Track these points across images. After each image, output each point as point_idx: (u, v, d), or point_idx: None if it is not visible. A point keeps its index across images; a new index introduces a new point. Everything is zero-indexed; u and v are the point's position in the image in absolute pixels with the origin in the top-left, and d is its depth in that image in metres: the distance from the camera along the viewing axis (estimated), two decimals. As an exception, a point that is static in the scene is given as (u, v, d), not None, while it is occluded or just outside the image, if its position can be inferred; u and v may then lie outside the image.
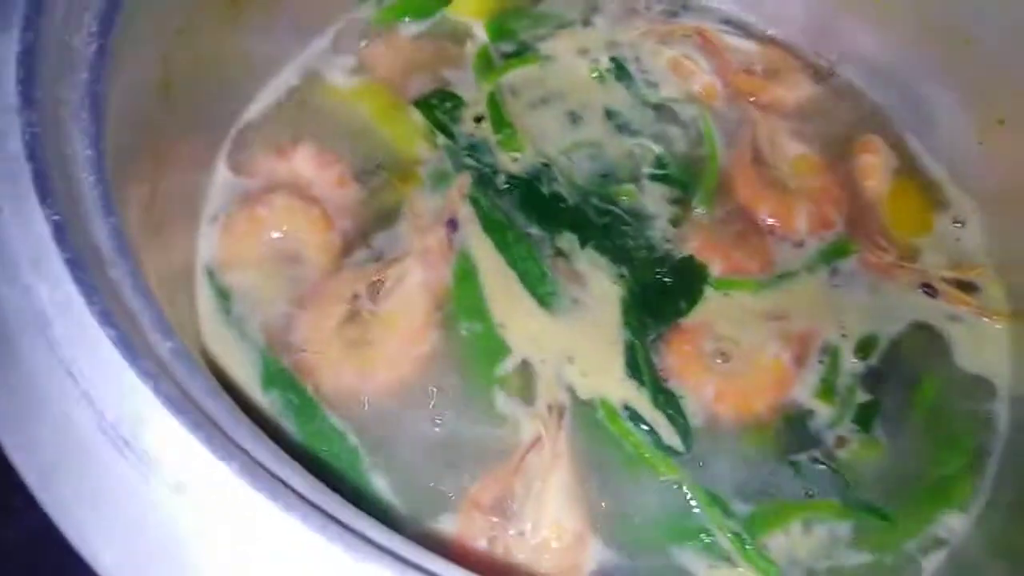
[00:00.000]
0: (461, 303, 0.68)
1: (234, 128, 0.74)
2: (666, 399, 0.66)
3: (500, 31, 0.84)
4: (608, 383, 0.66)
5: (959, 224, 0.79)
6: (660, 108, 0.82)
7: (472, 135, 0.78)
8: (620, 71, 0.84)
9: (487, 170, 0.75)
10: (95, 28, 0.49)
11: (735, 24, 0.89)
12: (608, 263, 0.72)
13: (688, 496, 0.62)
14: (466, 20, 0.85)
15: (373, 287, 0.67)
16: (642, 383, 0.66)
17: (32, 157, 0.40)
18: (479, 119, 0.78)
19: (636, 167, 0.78)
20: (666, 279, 0.72)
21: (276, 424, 0.61)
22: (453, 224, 0.72)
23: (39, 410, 0.36)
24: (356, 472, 0.60)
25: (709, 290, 0.71)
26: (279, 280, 0.67)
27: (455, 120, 0.78)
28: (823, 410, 0.67)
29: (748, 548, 0.61)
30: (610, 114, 0.81)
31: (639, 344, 0.68)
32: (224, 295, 0.66)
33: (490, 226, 0.72)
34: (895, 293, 0.74)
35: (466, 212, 0.72)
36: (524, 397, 0.65)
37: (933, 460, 0.67)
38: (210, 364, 0.63)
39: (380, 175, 0.74)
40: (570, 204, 0.74)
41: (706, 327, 0.70)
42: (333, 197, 0.72)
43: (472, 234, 0.71)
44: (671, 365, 0.68)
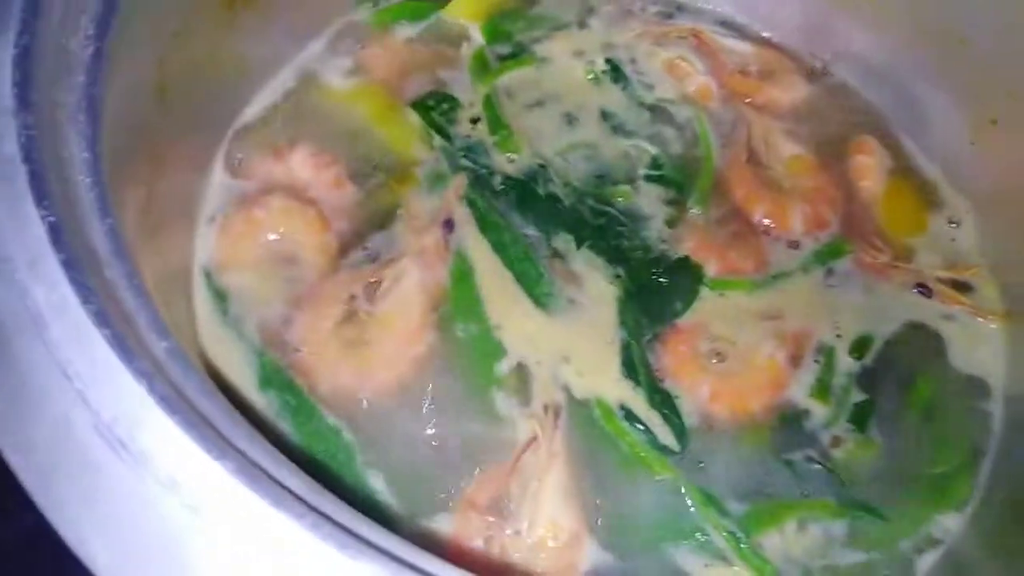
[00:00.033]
0: (457, 304, 0.68)
1: (231, 130, 0.74)
2: (662, 399, 0.66)
3: (496, 33, 0.85)
4: (604, 383, 0.66)
5: (954, 224, 0.79)
6: (655, 109, 0.82)
7: (468, 136, 0.78)
8: (616, 73, 0.84)
9: (483, 171, 0.76)
10: (91, 31, 0.49)
11: (730, 25, 0.90)
12: (604, 263, 0.72)
13: (684, 495, 0.62)
14: (462, 22, 0.85)
15: (370, 288, 0.67)
16: (638, 383, 0.66)
17: (28, 159, 0.41)
18: (475, 121, 0.79)
19: (632, 168, 0.78)
20: (662, 279, 0.72)
21: (273, 424, 0.61)
22: (449, 225, 0.72)
23: (35, 411, 0.37)
24: (352, 472, 0.60)
25: (705, 290, 0.72)
26: (276, 281, 0.68)
27: (451, 122, 0.78)
28: (818, 410, 0.68)
29: (743, 547, 0.61)
30: (606, 115, 0.81)
31: (635, 344, 0.68)
32: (221, 296, 0.67)
33: (486, 227, 0.72)
34: (890, 293, 0.74)
35: (462, 213, 0.73)
36: (520, 397, 0.65)
37: (928, 459, 0.67)
38: (207, 365, 0.63)
39: (377, 176, 0.74)
40: (566, 205, 0.75)
41: (702, 327, 0.70)
42: (330, 198, 0.72)
43: (468, 235, 0.72)
44: (667, 365, 0.68)
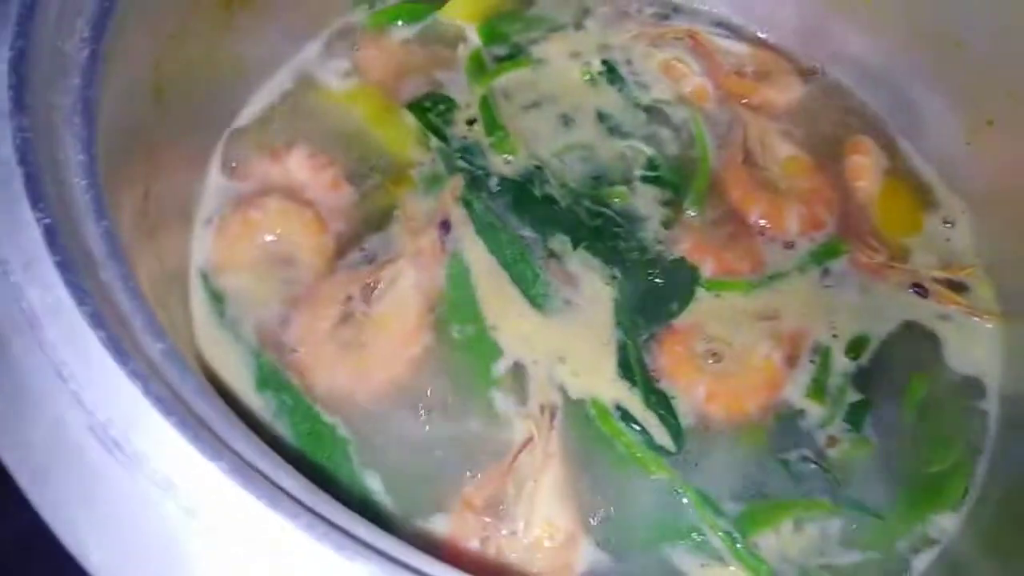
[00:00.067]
0: (454, 305, 0.69)
1: (227, 132, 0.74)
2: (658, 399, 0.66)
3: (492, 34, 0.85)
4: (600, 383, 0.66)
5: (949, 224, 0.79)
6: (652, 110, 0.82)
7: (465, 138, 0.78)
8: (612, 74, 0.84)
9: (480, 172, 0.76)
10: (87, 33, 0.49)
11: (726, 27, 0.90)
12: (600, 264, 0.72)
13: (680, 495, 0.63)
14: (459, 24, 0.85)
15: (366, 289, 0.67)
16: (634, 383, 0.67)
17: (24, 162, 0.41)
18: (472, 122, 0.79)
19: (628, 169, 0.78)
20: (658, 280, 0.72)
21: (270, 425, 0.61)
22: (446, 226, 0.72)
23: (31, 412, 0.37)
24: (349, 472, 0.60)
25: (700, 291, 0.72)
26: (273, 282, 0.68)
27: (448, 123, 0.79)
28: (814, 410, 0.68)
29: (739, 547, 0.61)
30: (602, 116, 0.81)
31: (631, 345, 0.68)
32: (218, 298, 0.67)
33: (483, 228, 0.72)
34: (886, 293, 0.74)
35: (459, 214, 0.73)
36: (516, 398, 0.65)
37: (924, 459, 0.67)
38: (204, 366, 0.63)
39: (373, 178, 0.74)
40: (562, 206, 0.75)
41: (697, 328, 0.70)
42: (326, 200, 0.72)
43: (465, 236, 0.72)
44: (663, 366, 0.68)
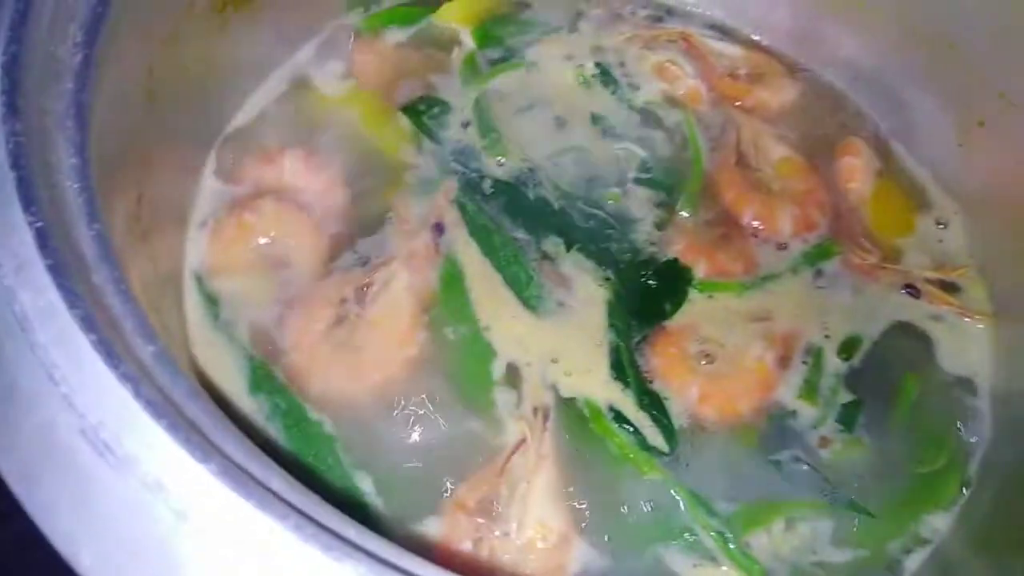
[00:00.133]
0: (447, 306, 0.69)
1: (222, 135, 0.75)
2: (651, 400, 0.66)
3: (486, 37, 0.85)
4: (593, 385, 0.67)
5: (941, 225, 0.79)
6: (645, 112, 0.83)
7: (459, 140, 0.78)
8: (605, 76, 0.84)
9: (473, 175, 0.76)
10: (80, 38, 0.49)
11: (719, 29, 0.90)
12: (593, 266, 0.72)
13: (672, 496, 0.63)
14: (453, 27, 0.86)
15: (360, 291, 0.67)
16: (627, 385, 0.67)
17: (16, 166, 0.41)
18: (466, 125, 0.79)
19: (621, 171, 0.78)
20: (651, 282, 0.72)
21: (263, 428, 0.61)
22: (440, 228, 0.72)
23: (21, 415, 0.37)
24: (342, 474, 0.61)
25: (693, 292, 0.72)
26: (267, 285, 0.68)
27: (442, 126, 0.79)
28: (806, 410, 0.68)
29: (731, 547, 0.61)
30: (595, 119, 0.81)
31: (624, 346, 0.68)
32: (212, 300, 0.67)
33: (476, 230, 0.73)
34: (878, 294, 0.75)
35: (453, 216, 0.73)
36: (510, 399, 0.65)
37: (916, 459, 0.67)
38: (198, 369, 0.63)
39: (367, 180, 0.75)
40: (556, 208, 0.75)
41: (691, 329, 0.70)
42: (320, 202, 0.72)
43: (458, 238, 0.72)
44: (656, 367, 0.68)
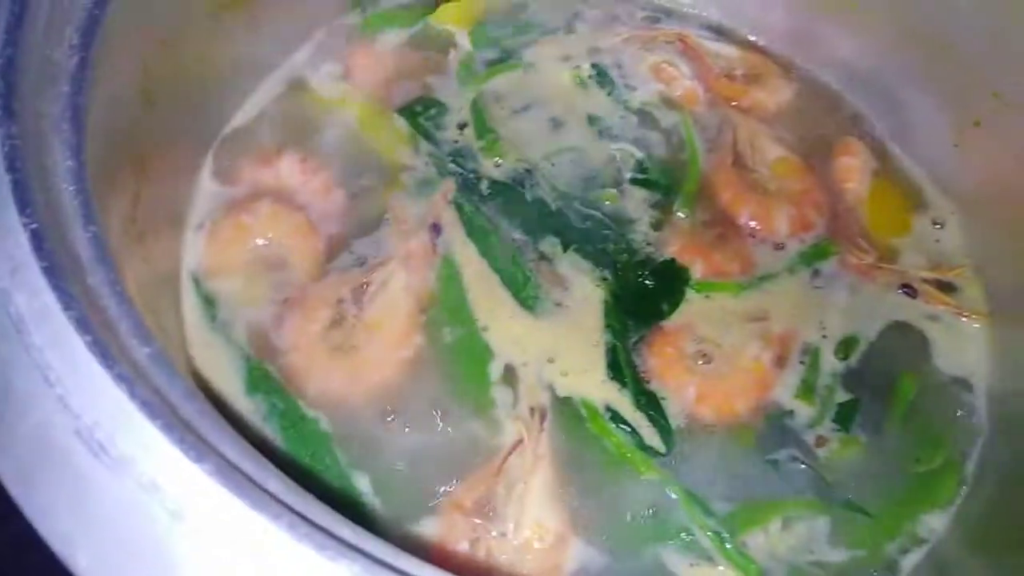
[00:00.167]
0: (445, 307, 0.69)
1: (219, 137, 0.75)
2: (648, 400, 0.67)
3: (483, 39, 0.86)
4: (590, 385, 0.67)
5: (938, 225, 0.79)
6: (642, 113, 0.83)
7: (456, 142, 0.79)
8: (602, 77, 0.85)
9: (470, 176, 0.76)
10: (76, 41, 0.50)
11: (716, 30, 0.91)
12: (590, 266, 0.72)
13: (669, 496, 0.63)
14: (450, 28, 0.86)
15: (357, 292, 0.68)
16: (624, 385, 0.67)
17: (11, 168, 0.41)
18: (462, 126, 0.80)
19: (618, 172, 0.79)
20: (648, 282, 0.72)
21: (260, 429, 0.61)
22: (437, 229, 0.72)
23: (17, 415, 0.37)
24: (338, 474, 0.61)
25: (690, 292, 0.72)
26: (264, 286, 0.68)
27: (439, 127, 0.79)
28: (803, 410, 0.68)
29: (728, 547, 0.61)
30: (592, 120, 0.82)
31: (621, 346, 0.68)
32: (209, 301, 0.67)
33: (473, 231, 0.73)
34: (875, 294, 0.75)
35: (450, 217, 0.73)
36: (507, 399, 0.65)
37: (913, 459, 0.67)
38: (195, 370, 0.63)
39: (364, 182, 0.75)
40: (552, 209, 0.75)
41: (687, 329, 0.70)
42: (318, 204, 0.73)
43: (456, 239, 0.72)
44: (653, 367, 0.68)
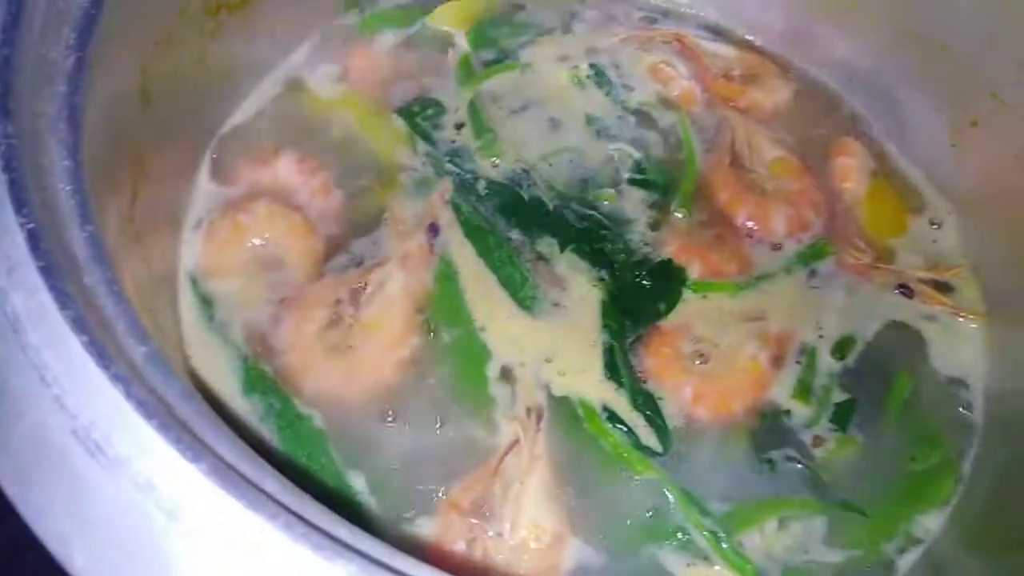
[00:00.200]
0: (442, 307, 0.69)
1: (216, 137, 0.75)
2: (645, 400, 0.67)
3: (481, 39, 0.86)
4: (587, 385, 0.67)
5: (935, 225, 0.80)
6: (639, 113, 0.83)
7: (453, 142, 0.79)
8: (600, 77, 0.85)
9: (468, 176, 0.76)
10: (73, 40, 0.49)
11: (713, 30, 0.91)
12: (588, 266, 0.72)
13: (666, 496, 0.63)
14: (447, 29, 0.86)
15: (355, 292, 0.68)
16: (621, 385, 0.67)
17: (8, 168, 0.41)
18: (460, 126, 0.80)
19: (615, 172, 0.79)
20: (645, 282, 0.72)
21: (257, 429, 0.62)
22: (434, 229, 0.72)
23: (13, 415, 0.37)
24: (335, 474, 0.61)
25: (687, 292, 0.72)
26: (261, 286, 0.68)
27: (436, 127, 0.79)
28: (800, 410, 0.68)
29: (724, 546, 0.61)
30: (590, 120, 0.82)
31: (618, 346, 0.68)
32: (207, 302, 0.67)
33: (471, 231, 0.73)
34: (872, 294, 0.75)
35: (447, 217, 0.73)
36: (504, 399, 0.65)
37: (909, 458, 0.67)
38: (192, 370, 0.63)
39: (362, 182, 0.75)
40: (550, 209, 0.75)
41: (685, 329, 0.70)
42: (315, 204, 0.73)
43: (453, 239, 0.72)
44: (650, 367, 0.68)
